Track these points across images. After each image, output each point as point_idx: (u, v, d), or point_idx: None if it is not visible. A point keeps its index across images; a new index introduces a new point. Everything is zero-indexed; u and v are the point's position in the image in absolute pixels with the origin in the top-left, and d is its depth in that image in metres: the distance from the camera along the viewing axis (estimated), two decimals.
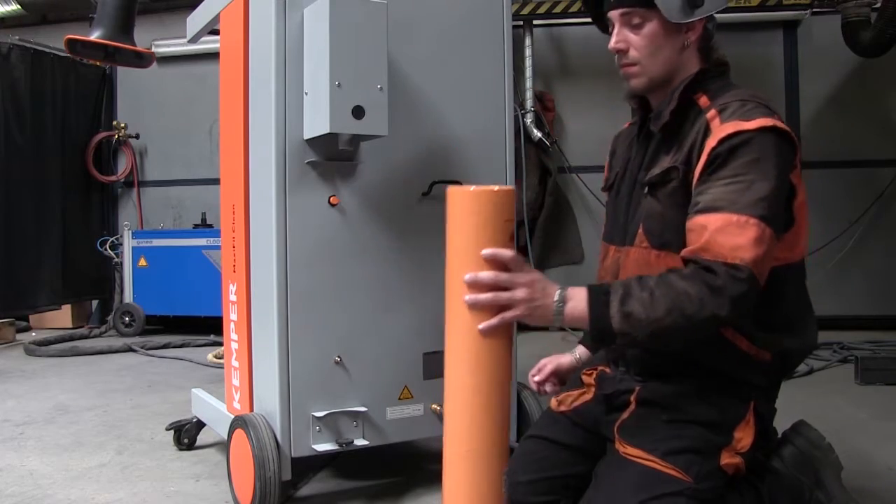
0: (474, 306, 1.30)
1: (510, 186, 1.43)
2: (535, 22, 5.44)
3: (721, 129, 1.35)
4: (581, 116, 5.67)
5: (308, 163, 1.97)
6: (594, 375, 1.64)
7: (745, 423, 1.42)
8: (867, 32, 4.73)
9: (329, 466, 2.39)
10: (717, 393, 1.43)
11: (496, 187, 1.31)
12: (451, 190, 1.34)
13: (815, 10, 5.19)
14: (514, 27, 3.57)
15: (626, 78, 1.51)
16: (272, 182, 1.95)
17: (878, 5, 4.64)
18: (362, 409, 2.02)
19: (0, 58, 5.28)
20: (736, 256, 1.27)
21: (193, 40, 2.69)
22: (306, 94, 1.94)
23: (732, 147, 1.33)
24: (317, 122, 1.89)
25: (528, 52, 5.40)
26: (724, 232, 1.28)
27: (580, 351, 1.79)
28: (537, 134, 5.40)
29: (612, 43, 1.48)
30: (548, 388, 1.75)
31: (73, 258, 5.85)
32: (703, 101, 1.44)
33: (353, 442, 2.00)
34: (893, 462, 2.38)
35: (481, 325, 1.30)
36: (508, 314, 1.30)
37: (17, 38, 5.54)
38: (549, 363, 1.78)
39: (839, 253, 5.20)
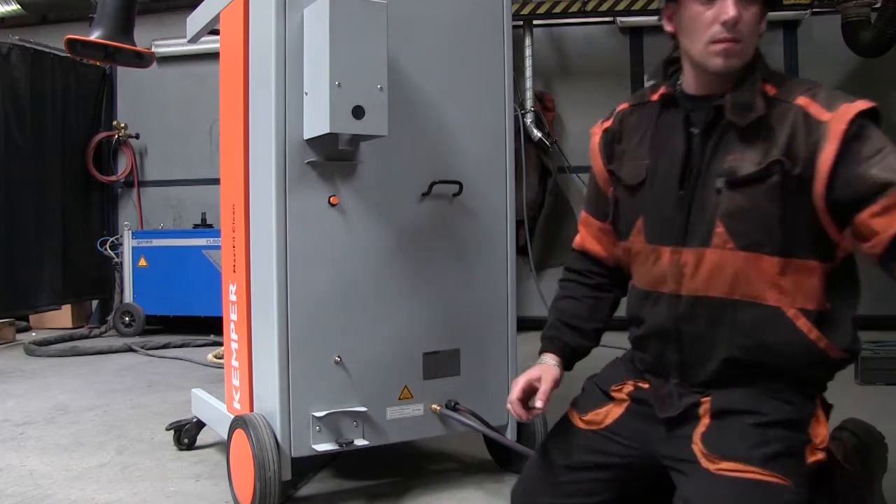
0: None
1: None
2: (535, 22, 5.44)
3: (841, 112, 1.30)
4: (581, 116, 5.66)
5: (308, 163, 1.97)
6: (626, 391, 1.55)
7: (816, 418, 1.40)
8: (867, 32, 4.73)
9: (329, 466, 2.39)
10: (788, 390, 1.39)
11: None
12: None
13: (815, 10, 5.19)
14: (514, 27, 3.57)
15: (722, 55, 1.35)
16: (272, 182, 1.95)
17: (878, 5, 4.64)
18: (362, 409, 2.02)
19: (0, 58, 5.28)
20: None
21: (193, 40, 2.69)
22: (306, 94, 1.94)
23: (860, 127, 1.30)
24: (317, 122, 1.89)
25: (528, 52, 5.40)
26: None
27: (551, 360, 1.63)
28: (537, 134, 5.40)
29: (732, 10, 1.31)
30: (538, 404, 1.53)
31: (73, 258, 5.85)
32: (770, 89, 1.38)
33: (353, 442, 2.00)
34: (893, 462, 2.37)
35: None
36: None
37: (17, 38, 5.54)
38: (526, 379, 1.57)
39: None
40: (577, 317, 1.67)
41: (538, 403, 1.51)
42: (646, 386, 1.53)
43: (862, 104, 1.30)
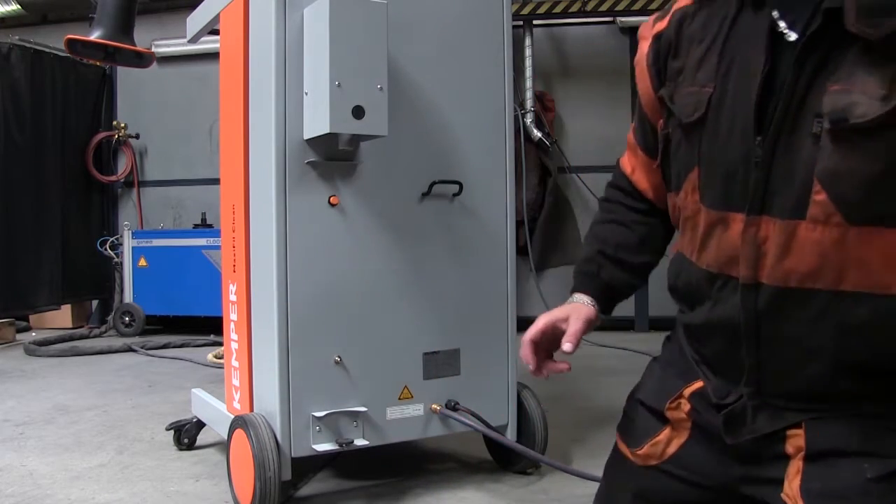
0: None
1: None
2: (535, 22, 5.44)
3: None
4: (581, 116, 5.67)
5: (308, 163, 1.97)
6: (683, 407, 1.17)
7: None
8: None
9: (329, 466, 2.39)
10: None
11: None
12: None
13: None
14: (514, 27, 3.57)
15: None
16: (272, 182, 1.95)
17: None
18: (362, 409, 2.02)
19: (0, 58, 5.28)
20: None
21: (193, 40, 2.69)
22: (306, 94, 1.94)
23: None
24: (317, 122, 1.89)
25: (528, 52, 5.40)
26: None
27: (585, 299, 1.30)
28: (537, 134, 5.41)
29: None
30: (567, 347, 1.20)
31: (73, 258, 5.85)
32: None
33: (353, 442, 2.00)
34: None
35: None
36: None
37: (17, 38, 5.55)
38: (550, 318, 1.26)
39: None
40: (623, 247, 1.30)
41: (566, 346, 1.19)
42: (707, 389, 1.13)
43: None
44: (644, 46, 1.19)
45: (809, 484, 0.98)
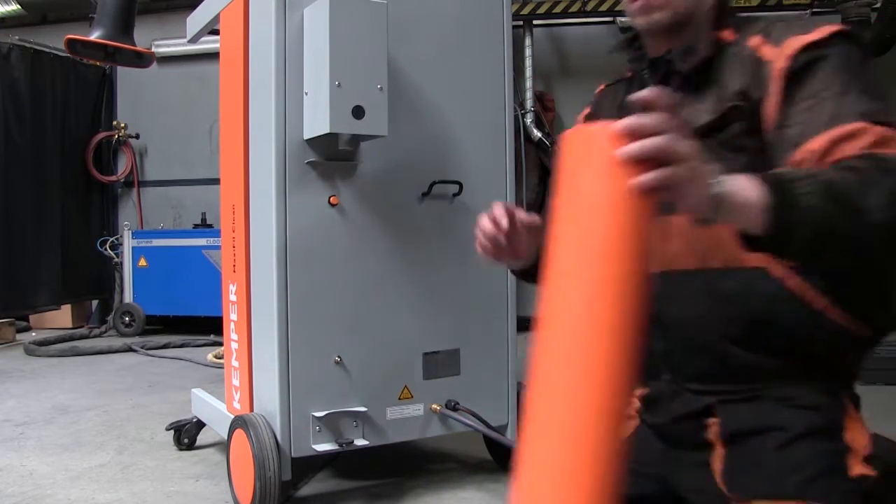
0: (630, 158, 0.91)
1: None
2: (535, 22, 5.45)
3: (784, 48, 1.11)
4: None
5: (308, 163, 1.97)
6: (634, 404, 1.29)
7: (849, 418, 1.14)
8: (867, 32, 4.73)
9: (329, 466, 2.39)
10: (810, 391, 1.13)
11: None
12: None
13: (815, 10, 5.19)
14: (514, 27, 3.57)
15: (640, 12, 1.25)
16: (272, 182, 1.95)
17: (878, 5, 4.64)
18: (362, 409, 2.02)
19: (0, 58, 5.28)
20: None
21: (193, 40, 2.69)
22: (306, 94, 1.94)
23: (808, 61, 1.10)
24: (317, 122, 1.89)
25: (528, 52, 5.40)
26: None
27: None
28: (537, 134, 5.41)
29: None
30: (497, 210, 1.30)
31: (72, 258, 5.85)
32: (728, 34, 1.22)
33: (353, 442, 2.00)
34: None
35: (637, 179, 0.90)
36: (668, 171, 0.87)
37: (17, 38, 5.55)
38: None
39: None
40: None
41: (497, 210, 1.28)
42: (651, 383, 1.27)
43: (816, 33, 1.11)
44: (585, 113, 1.52)
45: (724, 465, 1.13)
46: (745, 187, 0.92)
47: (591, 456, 0.86)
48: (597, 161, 0.92)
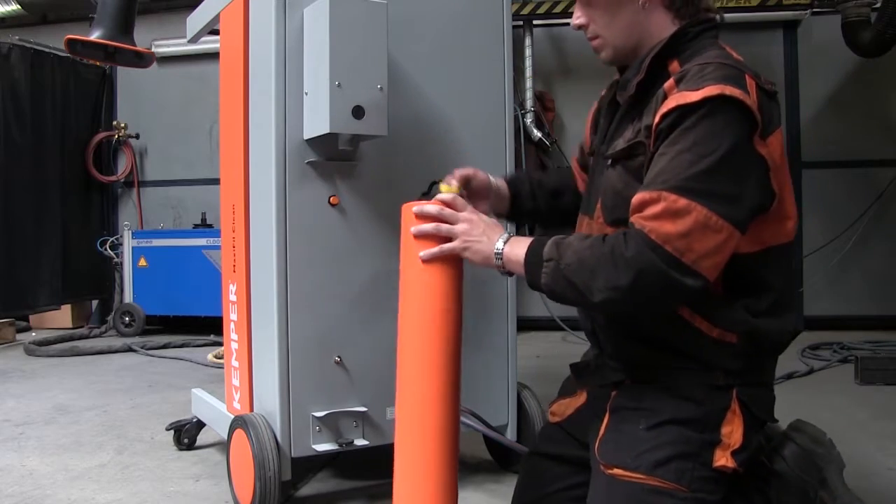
0: (419, 236, 1.41)
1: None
2: (535, 22, 5.45)
3: (666, 104, 1.25)
4: (581, 116, 5.60)
5: (308, 163, 1.97)
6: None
7: (732, 414, 1.30)
8: (867, 32, 4.73)
9: (329, 466, 2.39)
10: (691, 384, 1.31)
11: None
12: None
13: (815, 10, 5.19)
14: (514, 27, 3.57)
15: (595, 53, 1.45)
16: (272, 182, 1.95)
17: (878, 5, 4.64)
18: (362, 409, 2.02)
19: (0, 58, 5.28)
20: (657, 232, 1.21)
21: (193, 40, 2.69)
22: (306, 94, 1.94)
23: (672, 123, 1.23)
24: (317, 122, 1.89)
25: (528, 52, 5.40)
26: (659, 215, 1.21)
27: (499, 183, 1.72)
28: (537, 134, 5.41)
29: (573, 21, 1.43)
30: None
31: (73, 258, 5.85)
32: (674, 66, 1.32)
33: (353, 442, 2.00)
34: (893, 462, 2.38)
35: (423, 253, 1.40)
36: (447, 245, 1.39)
37: (17, 38, 5.54)
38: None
39: (839, 253, 5.20)
40: (545, 182, 1.77)
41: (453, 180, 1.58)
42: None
43: (691, 95, 1.21)
44: (594, 106, 1.67)
45: (604, 433, 1.35)
46: (516, 254, 1.34)
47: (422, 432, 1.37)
48: (406, 234, 1.44)
